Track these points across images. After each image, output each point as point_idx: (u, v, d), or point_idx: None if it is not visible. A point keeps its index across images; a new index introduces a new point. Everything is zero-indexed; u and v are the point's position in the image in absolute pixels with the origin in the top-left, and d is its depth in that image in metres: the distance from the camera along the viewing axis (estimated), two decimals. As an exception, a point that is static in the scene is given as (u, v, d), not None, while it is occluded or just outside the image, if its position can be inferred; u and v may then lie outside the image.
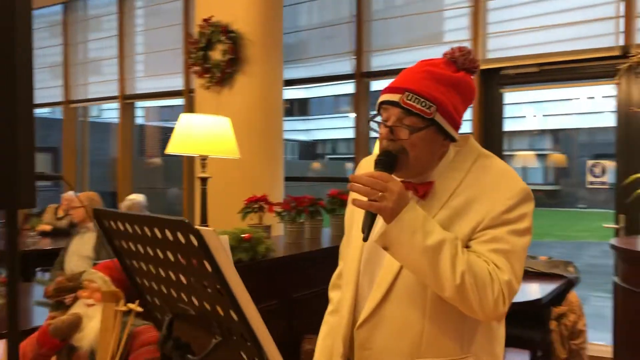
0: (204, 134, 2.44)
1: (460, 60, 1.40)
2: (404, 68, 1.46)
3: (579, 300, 3.20)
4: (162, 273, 1.03)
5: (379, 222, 1.33)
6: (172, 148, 2.48)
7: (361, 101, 5.21)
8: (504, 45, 4.63)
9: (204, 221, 2.58)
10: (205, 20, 4.38)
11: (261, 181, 4.18)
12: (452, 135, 1.39)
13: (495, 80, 4.66)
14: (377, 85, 5.36)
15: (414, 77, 1.37)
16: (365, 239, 1.30)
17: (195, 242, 0.83)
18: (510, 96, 4.84)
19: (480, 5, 4.65)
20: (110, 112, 9.14)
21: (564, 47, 4.35)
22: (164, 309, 1.13)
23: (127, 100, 6.71)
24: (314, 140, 25.24)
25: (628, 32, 4.07)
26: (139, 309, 1.81)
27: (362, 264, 1.47)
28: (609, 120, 4.30)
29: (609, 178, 4.46)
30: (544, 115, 17.30)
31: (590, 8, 4.30)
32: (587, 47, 4.26)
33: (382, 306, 1.40)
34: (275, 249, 2.58)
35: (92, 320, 1.84)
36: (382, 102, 1.40)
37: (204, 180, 2.55)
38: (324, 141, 25.64)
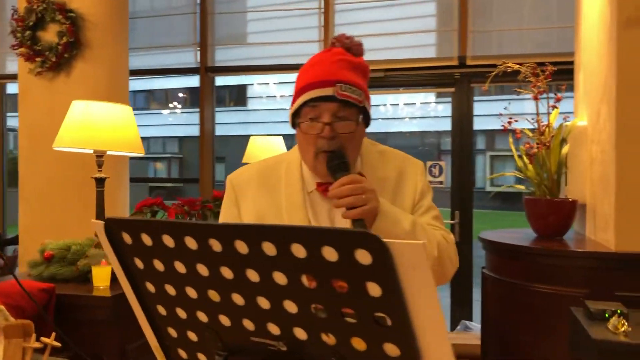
0: (103, 125, 2.03)
1: (354, 47, 1.38)
2: (251, 65, 1.41)
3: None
4: (240, 299, 0.80)
5: (340, 222, 1.34)
6: (61, 141, 2.02)
7: (206, 97, 4.94)
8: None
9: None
10: (34, -6, 3.76)
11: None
12: (368, 123, 1.41)
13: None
14: (221, 80, 5.14)
15: (335, 68, 1.30)
16: None
17: (365, 259, 0.64)
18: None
19: (330, 6, 4.72)
20: None
21: (408, 54, 4.61)
22: (207, 345, 0.89)
23: None
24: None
25: (464, 43, 4.45)
26: (56, 344, 1.44)
27: None
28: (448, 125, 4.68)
29: (446, 178, 4.85)
30: (382, 119, 18.21)
31: (430, 17, 4.62)
32: (428, 55, 4.57)
33: None
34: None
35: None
36: (313, 100, 1.30)
37: (100, 182, 2.14)
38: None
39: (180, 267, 0.84)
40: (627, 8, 2.55)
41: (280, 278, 0.73)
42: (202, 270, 0.81)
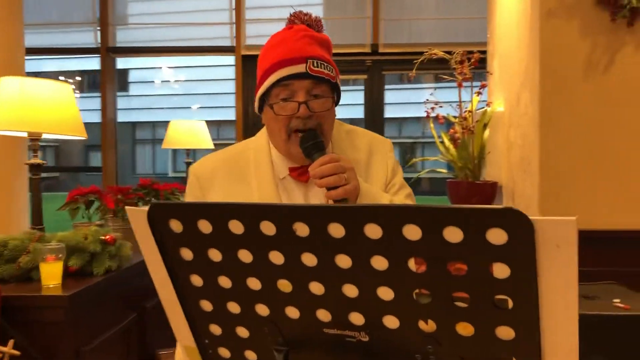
0: (40, 105, 1.79)
1: (314, 23, 1.35)
2: (159, 47, 1.37)
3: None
4: (320, 288, 0.73)
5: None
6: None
7: (108, 80, 4.61)
8: (265, 31, 4.66)
9: (39, 223, 1.92)
10: None
11: (3, 172, 3.36)
12: (339, 101, 1.37)
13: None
14: (124, 62, 4.82)
15: (301, 44, 1.25)
16: None
17: (498, 239, 0.61)
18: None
19: (241, -10, 4.58)
20: None
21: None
22: (262, 341, 0.81)
23: None
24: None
25: (376, 32, 4.52)
26: (15, 352, 1.27)
27: None
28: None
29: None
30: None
31: (344, 4, 4.64)
32: (342, 42, 4.59)
33: None
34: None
35: None
36: (285, 78, 1.23)
37: (35, 168, 1.88)
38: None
39: (245, 256, 0.75)
40: (548, 1, 2.71)
41: (379, 263, 0.68)
42: (276, 258, 0.73)
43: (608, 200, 2.67)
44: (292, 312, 0.78)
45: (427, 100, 3.16)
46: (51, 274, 1.60)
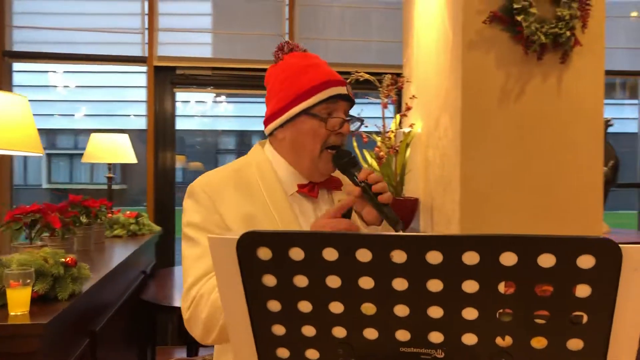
0: None
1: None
2: (59, 53, 1.45)
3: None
4: (405, 310, 0.79)
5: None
6: None
7: (4, 86, 4.29)
8: (179, 44, 4.59)
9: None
10: None
11: None
12: None
13: (169, 79, 4.56)
14: (20, 66, 4.51)
15: (332, 70, 1.41)
16: (399, 227, 1.28)
17: (587, 263, 0.70)
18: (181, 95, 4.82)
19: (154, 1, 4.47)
20: None
21: (237, 54, 4.61)
22: (333, 361, 0.85)
23: None
24: None
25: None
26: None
27: None
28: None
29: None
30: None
31: (255, 21, 4.68)
32: (257, 58, 4.63)
33: None
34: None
35: None
36: (335, 96, 1.37)
37: None
38: None
39: (333, 282, 0.79)
40: (469, 33, 2.95)
41: (471, 286, 0.75)
42: (366, 283, 0.78)
43: (524, 215, 2.94)
44: (371, 334, 0.83)
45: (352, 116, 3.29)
46: (18, 301, 1.47)
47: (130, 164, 3.94)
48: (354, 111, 1.48)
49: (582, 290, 0.73)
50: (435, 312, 0.79)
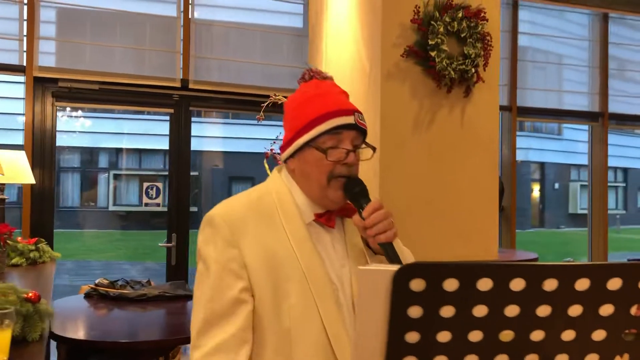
0: None
1: (330, 79, 1.51)
2: None
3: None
4: (541, 334, 0.84)
5: (341, 251, 1.38)
6: None
7: None
8: (61, 57, 4.25)
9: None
10: None
11: None
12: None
13: (51, 92, 4.20)
14: None
15: (344, 98, 1.41)
16: None
17: None
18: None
19: (35, 7, 4.11)
20: None
21: (126, 69, 4.37)
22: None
23: None
24: None
25: (185, 67, 4.48)
26: None
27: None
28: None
29: (163, 199, 4.72)
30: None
31: (154, 36, 4.50)
32: (149, 74, 4.43)
33: None
34: None
35: None
36: (337, 127, 1.33)
37: None
38: None
39: (479, 311, 0.82)
40: (387, 65, 3.11)
41: (606, 310, 0.82)
42: (511, 311, 0.82)
43: (435, 236, 3.14)
44: (502, 359, 0.86)
45: (275, 140, 3.29)
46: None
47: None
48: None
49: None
50: (569, 335, 0.84)
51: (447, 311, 0.81)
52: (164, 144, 4.66)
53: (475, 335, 0.83)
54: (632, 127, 6.99)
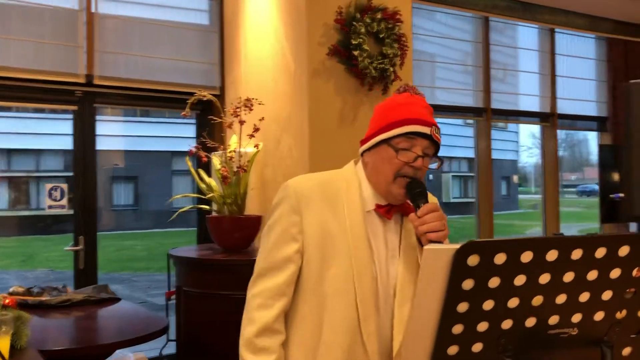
0: None
1: (422, 96, 1.67)
2: None
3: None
4: (563, 297, 0.98)
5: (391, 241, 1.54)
6: None
7: None
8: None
9: None
10: None
11: None
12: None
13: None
14: None
15: (427, 112, 1.57)
16: None
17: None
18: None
19: None
20: None
21: (23, 63, 4.10)
22: (490, 354, 1.00)
23: None
24: None
25: (90, 62, 4.28)
26: None
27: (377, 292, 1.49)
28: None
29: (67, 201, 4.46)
30: None
31: (52, 30, 4.24)
32: (49, 69, 4.18)
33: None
34: None
35: None
36: (414, 132, 1.51)
37: None
38: None
39: (519, 280, 0.94)
40: (313, 63, 3.22)
41: (615, 273, 0.99)
42: (544, 278, 0.95)
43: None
44: (530, 322, 0.99)
45: (199, 144, 3.27)
46: (-2, 353, 1.14)
47: None
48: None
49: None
50: (584, 297, 1.00)
51: (494, 282, 0.93)
52: (63, 144, 4.41)
53: (513, 302, 0.96)
54: (512, 122, 7.62)
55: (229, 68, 3.94)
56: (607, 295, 1.02)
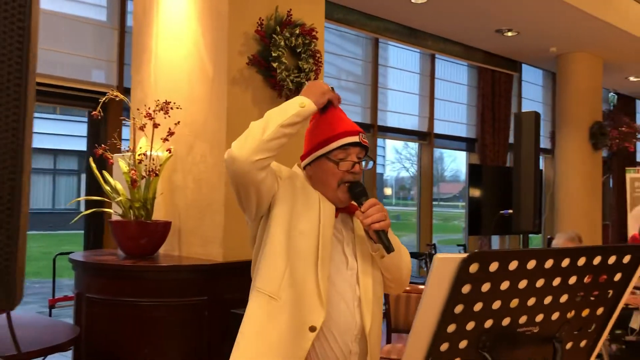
0: None
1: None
2: None
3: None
4: (533, 300, 1.15)
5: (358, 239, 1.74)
6: None
7: None
8: None
9: None
10: None
11: None
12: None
13: None
14: None
15: (352, 122, 1.78)
16: (390, 251, 1.60)
17: (626, 260, 1.21)
18: None
19: None
20: None
21: None
22: (471, 350, 1.14)
23: None
24: None
25: None
26: None
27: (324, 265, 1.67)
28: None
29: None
30: None
31: None
32: None
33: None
34: None
35: None
36: (350, 144, 1.72)
37: None
38: None
39: (505, 285, 1.10)
40: (233, 71, 3.26)
41: (572, 279, 1.18)
42: (522, 283, 1.12)
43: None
44: (506, 321, 1.15)
45: (112, 140, 3.16)
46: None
47: None
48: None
49: (618, 276, 1.23)
50: (548, 299, 1.17)
51: (486, 287, 1.08)
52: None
53: (497, 304, 1.11)
54: (395, 139, 8.08)
55: (137, 67, 3.82)
56: (564, 298, 1.21)
